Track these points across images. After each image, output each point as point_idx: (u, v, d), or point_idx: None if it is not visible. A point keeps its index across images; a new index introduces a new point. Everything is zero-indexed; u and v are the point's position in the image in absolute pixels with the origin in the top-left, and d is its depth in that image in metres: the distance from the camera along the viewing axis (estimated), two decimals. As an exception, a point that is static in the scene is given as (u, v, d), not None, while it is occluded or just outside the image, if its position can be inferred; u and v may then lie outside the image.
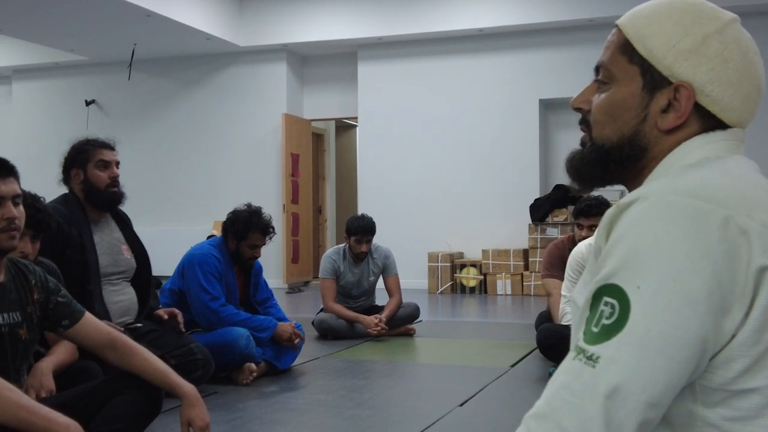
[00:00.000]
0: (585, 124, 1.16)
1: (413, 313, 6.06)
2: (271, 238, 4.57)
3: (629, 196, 0.99)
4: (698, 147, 1.06)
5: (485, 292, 9.40)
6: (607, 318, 0.93)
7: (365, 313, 5.89)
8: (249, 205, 4.58)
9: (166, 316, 3.91)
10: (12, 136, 11.64)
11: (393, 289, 5.97)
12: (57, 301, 2.42)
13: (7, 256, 2.34)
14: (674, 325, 0.91)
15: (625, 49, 1.10)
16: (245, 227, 4.42)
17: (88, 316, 2.47)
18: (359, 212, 9.91)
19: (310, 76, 11.14)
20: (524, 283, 9.25)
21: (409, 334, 5.98)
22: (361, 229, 5.77)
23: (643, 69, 1.08)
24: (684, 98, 1.05)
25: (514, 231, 9.60)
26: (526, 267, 9.35)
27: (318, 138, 12.00)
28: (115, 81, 11.27)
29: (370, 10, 9.99)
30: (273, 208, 9.98)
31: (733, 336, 0.93)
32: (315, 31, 10.23)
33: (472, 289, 9.45)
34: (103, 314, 3.46)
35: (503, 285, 9.31)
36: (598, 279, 0.97)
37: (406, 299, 6.08)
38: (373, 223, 5.85)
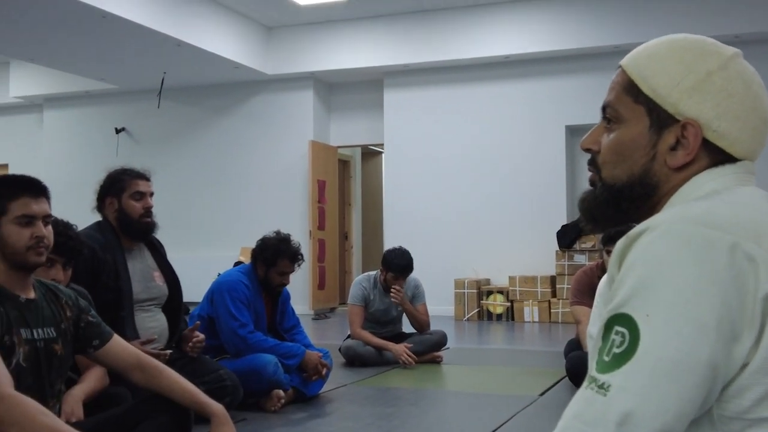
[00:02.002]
0: (593, 164, 1.17)
1: (440, 341, 6.03)
2: (299, 266, 4.59)
3: (639, 226, 1.00)
4: (708, 181, 1.07)
5: (512, 319, 9.34)
6: (618, 347, 0.94)
7: (392, 340, 5.87)
8: (278, 233, 4.60)
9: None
10: (43, 163, 11.81)
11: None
12: (88, 321, 2.45)
13: (36, 278, 2.38)
14: (684, 352, 0.91)
15: (630, 89, 1.11)
16: (274, 254, 4.44)
17: (117, 337, 2.50)
18: (385, 238, 9.96)
19: (336, 104, 11.22)
20: (552, 311, 9.19)
21: (437, 361, 5.95)
22: (401, 269, 5.75)
23: (649, 108, 1.09)
24: (692, 135, 1.06)
25: (541, 257, 9.54)
26: (554, 294, 9.28)
27: (344, 164, 12.06)
28: (144, 109, 11.42)
29: (396, 37, 10.06)
30: (299, 235, 10.01)
31: (746, 364, 0.93)
32: (341, 59, 10.31)
33: (499, 316, 9.40)
34: (134, 339, 3.48)
35: (530, 312, 9.24)
36: (609, 309, 0.98)
37: (432, 326, 6.06)
38: (413, 261, 5.81)
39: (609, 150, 1.13)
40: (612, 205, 1.12)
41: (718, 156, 1.08)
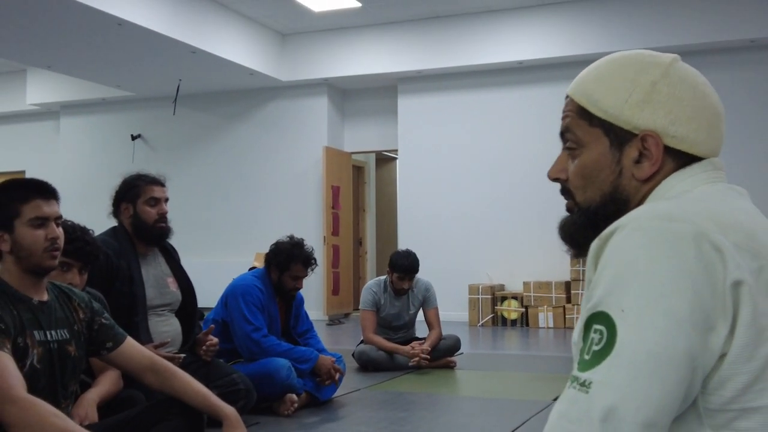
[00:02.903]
0: (566, 192, 1.19)
1: (454, 345, 6.03)
2: (313, 270, 4.61)
3: (610, 227, 1.02)
4: (677, 183, 1.09)
5: (527, 324, 9.32)
6: (597, 344, 0.96)
7: (405, 345, 5.87)
8: (291, 237, 4.62)
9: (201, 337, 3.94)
10: (60, 170, 11.90)
11: (433, 321, 5.96)
12: (101, 323, 2.47)
13: (50, 280, 2.41)
14: (661, 345, 0.92)
15: (583, 114, 1.14)
16: (287, 259, 4.46)
17: (130, 339, 2.52)
18: (399, 244, 9.95)
19: (350, 110, 11.25)
20: (566, 316, 9.15)
21: (450, 366, 5.94)
22: (405, 268, 5.78)
23: (605, 129, 1.12)
24: (653, 146, 1.08)
25: (555, 263, 9.51)
26: (569, 300, 9.25)
27: (358, 170, 12.08)
28: (160, 116, 11.50)
29: (410, 43, 10.08)
30: (314, 240, 10.04)
31: (725, 354, 0.94)
32: (355, 65, 10.35)
33: (514, 322, 9.38)
34: (148, 344, 3.50)
35: (545, 318, 9.22)
36: (587, 309, 0.99)
37: (446, 331, 6.06)
38: (418, 261, 5.85)
39: (576, 176, 1.16)
40: (590, 227, 1.14)
41: (682, 159, 1.10)
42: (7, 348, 2.14)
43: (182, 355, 3.69)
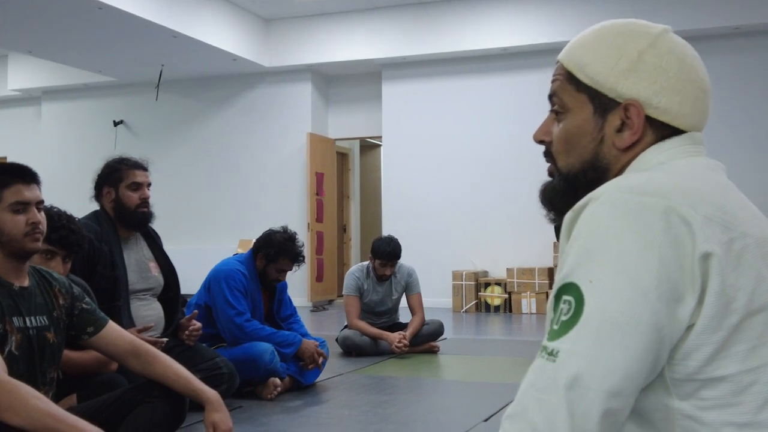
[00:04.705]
0: (549, 155, 1.20)
1: (437, 330, 6.05)
2: (299, 267, 4.60)
3: (583, 199, 1.03)
4: (655, 156, 1.09)
5: (510, 310, 9.36)
6: (565, 314, 0.97)
7: (389, 330, 5.89)
8: (285, 230, 4.58)
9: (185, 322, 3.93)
10: (41, 156, 11.80)
11: (416, 307, 5.97)
12: (82, 308, 2.46)
13: (30, 264, 2.39)
14: (627, 315, 0.94)
15: (571, 79, 1.15)
16: (277, 252, 4.45)
17: (112, 324, 2.51)
18: (383, 231, 9.96)
19: (334, 96, 11.22)
20: (549, 302, 9.19)
21: (434, 351, 5.96)
22: (386, 255, 5.78)
23: (591, 95, 1.12)
24: (635, 115, 1.09)
25: (539, 249, 9.56)
26: (551, 286, 9.28)
27: (342, 157, 12.07)
28: (142, 102, 11.43)
29: (394, 30, 10.06)
30: (298, 227, 10.02)
31: (692, 325, 0.96)
32: (340, 51, 10.32)
33: (497, 308, 9.42)
34: (130, 328, 3.49)
35: (528, 304, 9.26)
36: (558, 280, 1.01)
37: (429, 317, 6.07)
38: (400, 247, 5.85)
39: (559, 139, 1.17)
40: (570, 193, 1.15)
41: (664, 131, 1.10)
42: (-14, 332, 2.13)
43: (164, 340, 3.68)
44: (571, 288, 0.97)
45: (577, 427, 0.93)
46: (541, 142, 1.21)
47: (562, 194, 1.17)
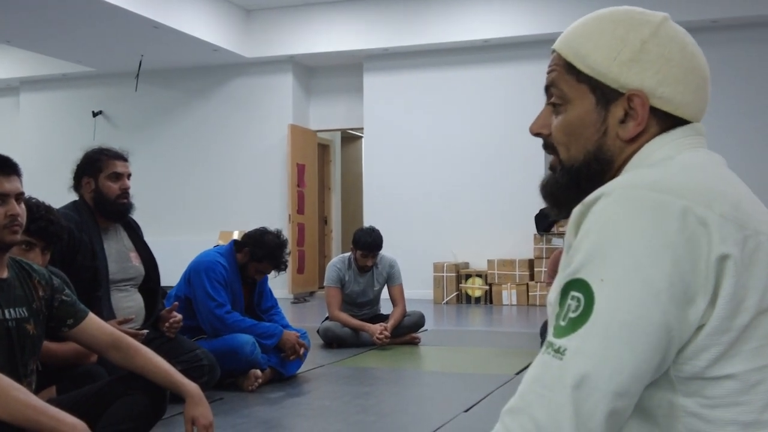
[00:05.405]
0: (550, 148, 1.17)
1: (418, 322, 6.06)
2: (278, 274, 4.61)
3: (594, 193, 1.01)
4: (659, 147, 1.07)
5: (490, 302, 9.40)
6: (573, 311, 0.95)
7: (370, 322, 5.89)
8: (279, 234, 4.55)
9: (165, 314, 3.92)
10: (19, 146, 11.68)
11: (397, 298, 5.97)
12: (62, 300, 2.44)
13: (9, 255, 2.37)
14: (637, 315, 0.92)
15: (571, 69, 1.12)
16: (264, 255, 4.43)
17: (92, 316, 2.49)
18: (365, 223, 9.96)
19: (316, 87, 11.19)
20: (530, 293, 9.25)
21: (414, 342, 5.98)
22: (368, 246, 5.78)
23: (592, 86, 1.10)
24: (639, 105, 1.07)
25: (519, 241, 9.60)
26: (532, 277, 9.34)
27: (324, 148, 12.05)
28: (122, 92, 11.34)
29: (376, 21, 10.04)
30: (279, 219, 10.02)
31: (702, 326, 0.94)
32: (321, 43, 10.28)
33: (478, 300, 9.45)
34: (110, 319, 3.47)
35: (508, 295, 9.30)
36: (566, 274, 0.99)
37: (411, 309, 6.09)
38: (381, 238, 5.85)
39: (560, 131, 1.13)
40: (573, 186, 1.12)
41: (667, 122, 1.09)
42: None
43: (145, 332, 3.66)
44: (580, 284, 0.96)
45: (581, 426, 0.92)
46: (538, 134, 1.18)
47: (566, 188, 1.14)
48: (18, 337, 2.31)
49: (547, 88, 1.17)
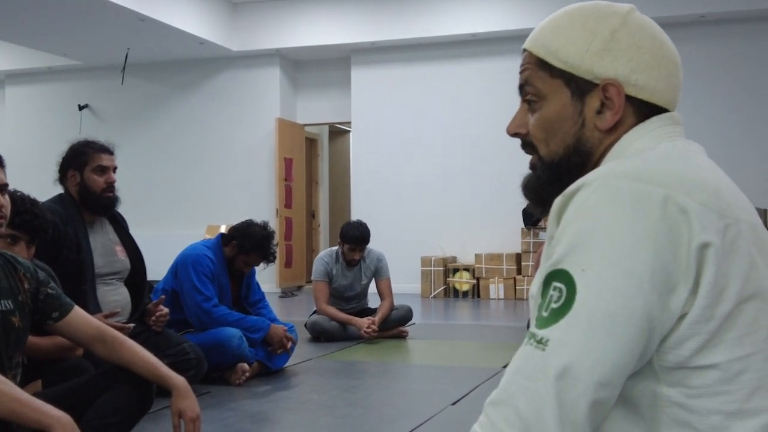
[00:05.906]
0: (528, 147, 1.18)
1: (406, 315, 6.07)
2: (267, 266, 4.59)
3: (575, 184, 1.01)
4: (638, 138, 1.08)
5: (478, 296, 9.41)
6: (555, 302, 0.95)
7: (358, 315, 5.89)
8: (265, 226, 4.54)
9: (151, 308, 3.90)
10: (5, 140, 11.62)
11: (384, 292, 5.98)
12: (47, 293, 2.43)
13: None
14: (619, 305, 0.92)
15: (543, 66, 1.13)
16: (252, 246, 4.42)
17: (78, 309, 2.47)
18: (353, 217, 9.95)
19: (303, 81, 11.17)
20: (517, 287, 9.27)
21: (402, 336, 5.98)
22: (355, 239, 5.78)
23: (566, 80, 1.11)
24: (614, 94, 1.08)
25: (507, 235, 9.62)
26: (519, 271, 9.37)
27: (311, 143, 12.02)
28: (108, 85, 11.28)
29: (363, 15, 10.02)
30: (266, 213, 9.99)
31: (684, 315, 0.94)
32: (308, 36, 10.25)
33: (465, 294, 9.47)
34: (96, 313, 3.46)
35: (496, 289, 9.32)
36: (547, 265, 0.99)
37: (398, 303, 6.09)
38: (369, 232, 5.86)
39: (538, 128, 1.14)
40: (555, 181, 1.13)
41: (643, 111, 1.10)
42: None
43: (131, 325, 3.65)
44: (562, 275, 0.95)
45: (564, 417, 0.92)
46: (515, 134, 1.19)
47: (548, 183, 1.14)
48: (3, 329, 2.29)
49: (521, 87, 1.17)
